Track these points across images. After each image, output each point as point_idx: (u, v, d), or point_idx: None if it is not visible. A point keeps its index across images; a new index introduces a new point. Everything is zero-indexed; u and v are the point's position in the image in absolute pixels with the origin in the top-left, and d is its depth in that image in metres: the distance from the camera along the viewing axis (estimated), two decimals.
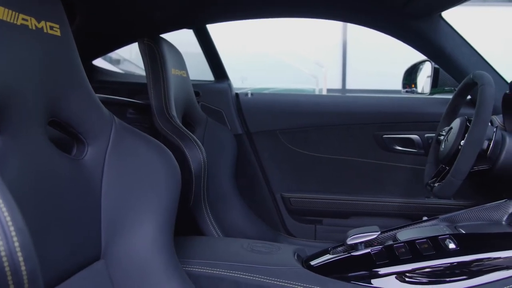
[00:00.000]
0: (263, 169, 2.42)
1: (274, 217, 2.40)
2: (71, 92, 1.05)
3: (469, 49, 2.08)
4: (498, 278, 1.20)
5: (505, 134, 1.67)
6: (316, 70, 6.76)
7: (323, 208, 2.35)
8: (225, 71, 2.49)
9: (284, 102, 2.46)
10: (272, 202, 2.41)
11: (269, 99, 2.51)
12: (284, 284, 1.27)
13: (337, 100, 2.51)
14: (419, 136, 2.29)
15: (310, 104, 2.43)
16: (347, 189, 2.37)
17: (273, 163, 2.42)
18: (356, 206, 2.32)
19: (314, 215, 2.38)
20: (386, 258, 1.29)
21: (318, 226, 2.38)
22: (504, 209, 1.57)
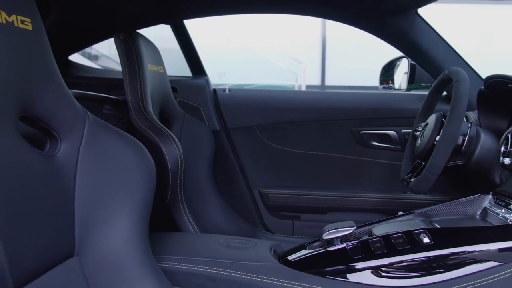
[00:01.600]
0: (241, 165, 2.41)
1: (252, 213, 2.40)
2: (43, 87, 1.03)
3: (445, 46, 2.09)
4: (472, 272, 1.21)
5: (479, 130, 1.69)
6: (295, 67, 6.77)
7: (301, 203, 2.36)
8: (203, 67, 2.48)
9: (262, 98, 2.45)
10: (250, 198, 2.41)
11: (247, 95, 2.51)
12: (260, 279, 1.27)
13: (315, 96, 2.52)
14: (396, 132, 2.31)
15: (288, 100, 2.43)
16: (325, 185, 2.38)
17: (251, 159, 2.42)
18: (334, 201, 2.33)
19: (292, 210, 2.39)
20: (362, 253, 1.29)
21: (296, 222, 2.38)
22: (478, 204, 1.59)
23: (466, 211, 1.60)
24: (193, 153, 2.09)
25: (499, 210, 1.48)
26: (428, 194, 2.25)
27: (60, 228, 1.05)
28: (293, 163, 2.40)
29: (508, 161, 1.49)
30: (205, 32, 5.46)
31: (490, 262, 1.21)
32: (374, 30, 2.15)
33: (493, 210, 1.52)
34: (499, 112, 1.80)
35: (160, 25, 2.20)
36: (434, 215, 1.61)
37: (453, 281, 1.21)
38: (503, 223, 1.40)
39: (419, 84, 2.25)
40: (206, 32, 5.57)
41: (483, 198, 1.61)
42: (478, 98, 1.86)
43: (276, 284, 1.26)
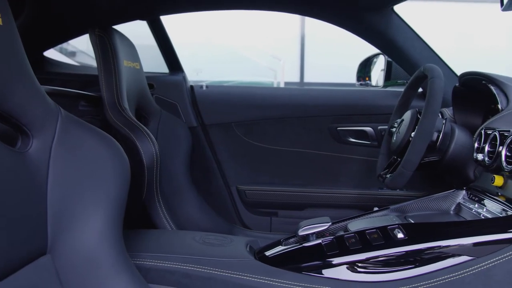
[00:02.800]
0: (218, 161, 2.41)
1: (229, 209, 2.40)
2: (13, 83, 1.02)
3: (421, 43, 2.11)
4: (445, 266, 1.22)
5: (454, 126, 1.71)
6: (274, 63, 6.77)
7: (278, 200, 2.36)
8: (180, 63, 2.47)
9: (239, 95, 2.45)
10: (227, 194, 2.41)
11: (224, 92, 2.50)
12: (236, 275, 1.27)
13: (292, 93, 2.52)
14: (373, 128, 2.32)
15: (265, 97, 2.43)
16: (302, 181, 2.39)
17: (228, 155, 2.42)
18: (311, 198, 2.34)
19: (270, 207, 2.39)
20: (337, 249, 1.30)
21: (274, 218, 2.39)
22: (452, 199, 1.61)
23: (441, 206, 1.62)
24: (169, 149, 2.08)
25: (472, 205, 1.50)
26: (404, 190, 2.27)
27: (32, 226, 1.03)
28: (271, 159, 2.40)
29: (481, 157, 1.51)
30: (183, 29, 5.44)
31: (463, 257, 1.22)
32: (351, 27, 2.16)
33: (466, 205, 1.54)
34: (473, 109, 1.82)
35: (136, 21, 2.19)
36: (409, 211, 1.62)
37: (427, 275, 1.22)
38: (476, 218, 1.42)
39: (396, 81, 2.27)
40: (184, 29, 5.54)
41: (457, 194, 1.63)
42: (453, 95, 1.88)
43: (252, 280, 1.26)
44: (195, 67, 5.48)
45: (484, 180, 1.55)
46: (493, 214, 1.38)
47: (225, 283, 1.26)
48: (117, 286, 1.11)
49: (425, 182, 2.20)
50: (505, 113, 1.56)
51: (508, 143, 1.37)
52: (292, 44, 7.09)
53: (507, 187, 1.41)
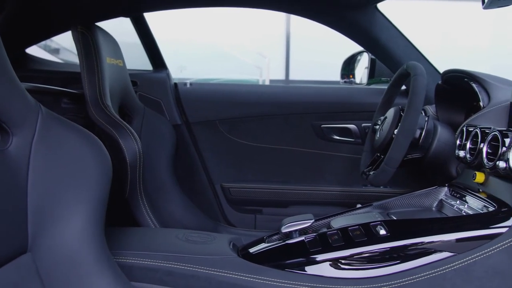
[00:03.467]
0: (202, 159, 2.40)
1: (214, 207, 2.40)
2: None
3: (404, 41, 2.12)
4: (427, 262, 1.23)
5: (437, 123, 1.72)
6: (260, 61, 6.78)
7: (262, 197, 2.36)
8: (164, 61, 2.46)
9: (224, 92, 2.45)
10: (211, 192, 2.40)
11: (208, 89, 2.49)
12: (219, 273, 1.27)
13: (276, 90, 2.52)
14: (356, 126, 2.33)
15: (250, 94, 2.43)
16: (287, 179, 2.39)
17: (212, 153, 2.41)
18: (296, 195, 2.34)
19: (254, 204, 2.39)
20: (320, 246, 1.30)
21: (258, 216, 2.39)
22: (434, 196, 1.62)
23: (423, 203, 1.63)
24: (153, 147, 2.07)
25: (454, 201, 1.52)
26: (388, 187, 2.28)
27: (12, 224, 1.02)
28: (255, 157, 2.40)
29: (463, 154, 1.52)
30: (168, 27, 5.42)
31: (445, 253, 1.23)
32: (335, 24, 2.16)
33: (448, 202, 1.55)
34: (456, 106, 1.83)
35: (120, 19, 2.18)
36: (391, 207, 1.63)
37: (408, 271, 1.23)
38: (458, 215, 1.43)
39: (379, 79, 2.28)
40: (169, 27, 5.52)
41: (439, 190, 1.64)
42: (436, 92, 1.89)
43: (235, 277, 1.26)
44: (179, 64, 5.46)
45: (466, 176, 1.56)
46: (474, 211, 1.39)
47: (208, 280, 1.26)
48: (98, 284, 1.10)
49: (409, 179, 2.21)
50: (486, 110, 1.58)
51: (489, 140, 1.39)
52: (278, 42, 7.10)
53: (488, 183, 1.42)
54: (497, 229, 1.22)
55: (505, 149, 1.30)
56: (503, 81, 1.67)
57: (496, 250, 1.19)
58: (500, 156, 1.31)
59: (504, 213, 1.25)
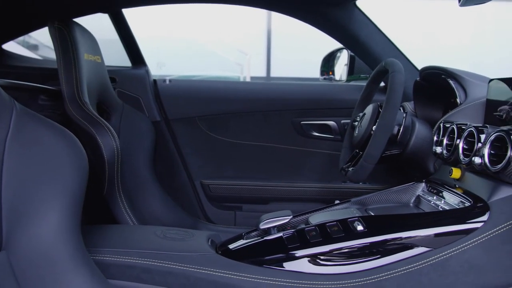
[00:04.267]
0: (182, 156, 2.39)
1: (193, 204, 2.39)
2: None
3: (382, 38, 2.13)
4: (404, 258, 1.24)
5: (415, 120, 1.73)
6: (241, 58, 6.77)
7: (242, 194, 2.36)
8: (142, 57, 2.44)
9: (203, 89, 2.44)
10: (191, 189, 2.39)
11: (188, 86, 2.49)
12: (196, 270, 1.26)
13: (256, 87, 2.52)
14: (336, 122, 2.34)
15: (229, 91, 2.42)
16: (266, 175, 2.39)
17: (192, 150, 2.40)
18: (275, 191, 2.35)
19: (234, 201, 2.39)
20: (298, 242, 1.30)
21: (238, 212, 2.39)
22: (412, 192, 1.64)
23: (401, 199, 1.64)
24: (132, 144, 2.06)
25: (431, 197, 1.53)
26: (367, 183, 2.29)
27: None
28: (235, 153, 2.40)
29: (440, 150, 1.53)
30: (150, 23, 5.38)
31: (421, 248, 1.24)
32: (314, 21, 2.16)
33: (425, 197, 1.56)
34: (434, 103, 1.85)
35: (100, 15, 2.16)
36: (369, 203, 1.64)
37: (385, 267, 1.23)
38: (434, 210, 1.45)
39: (359, 75, 2.28)
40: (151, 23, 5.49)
41: (416, 186, 1.65)
42: (414, 89, 1.91)
43: (212, 274, 1.26)
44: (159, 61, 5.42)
45: (443, 172, 1.58)
46: (451, 206, 1.40)
47: (185, 277, 1.26)
48: (74, 281, 1.09)
49: (387, 175, 2.23)
50: (463, 107, 1.59)
51: (465, 136, 1.40)
52: (259, 39, 7.09)
53: (464, 179, 1.43)
54: (472, 224, 1.23)
55: (480, 145, 1.32)
56: (479, 78, 1.69)
57: (472, 245, 1.20)
58: (475, 152, 1.33)
59: (479, 209, 1.26)
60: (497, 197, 1.25)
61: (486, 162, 1.28)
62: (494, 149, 1.28)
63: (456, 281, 1.20)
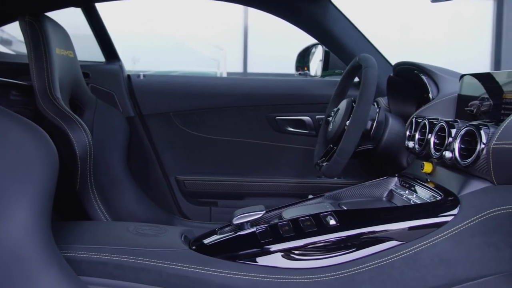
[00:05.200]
0: (156, 152, 2.38)
1: (168, 200, 2.38)
2: None
3: (357, 33, 2.15)
4: (376, 251, 1.25)
5: (388, 115, 1.75)
6: (218, 54, 6.75)
7: (218, 190, 2.36)
8: (116, 52, 2.42)
9: (178, 84, 2.43)
10: (166, 185, 2.38)
11: (162, 81, 2.47)
12: (169, 265, 1.26)
13: (231, 82, 2.52)
14: (311, 118, 2.35)
15: (204, 86, 2.41)
16: (242, 171, 2.39)
17: (167, 145, 2.39)
18: (251, 187, 2.34)
19: (209, 197, 2.38)
20: (271, 236, 1.30)
21: (213, 208, 2.38)
22: (385, 186, 1.65)
23: (374, 193, 1.65)
24: (106, 140, 2.04)
25: (403, 191, 1.54)
26: (342, 178, 2.30)
27: None
28: (210, 149, 2.39)
29: (412, 144, 1.55)
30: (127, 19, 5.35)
31: (393, 242, 1.25)
32: (289, 16, 2.17)
33: (398, 191, 1.58)
34: (407, 98, 1.86)
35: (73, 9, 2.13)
36: (343, 198, 1.65)
37: (358, 261, 1.24)
38: (406, 204, 1.46)
39: (333, 71, 2.29)
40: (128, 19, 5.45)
41: (389, 181, 1.66)
42: (388, 84, 1.92)
43: (185, 269, 1.25)
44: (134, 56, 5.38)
45: (415, 167, 1.59)
46: (422, 200, 1.41)
47: (158, 273, 1.25)
48: (44, 279, 1.08)
49: (362, 170, 2.24)
50: (435, 102, 1.61)
51: (437, 131, 1.41)
52: (236, 35, 7.09)
53: (436, 173, 1.45)
54: (443, 217, 1.24)
55: (451, 140, 1.33)
56: (451, 73, 1.71)
57: (442, 238, 1.22)
58: (446, 146, 1.34)
59: (450, 202, 1.28)
60: (467, 191, 1.27)
61: (456, 156, 1.29)
62: (465, 143, 1.30)
63: (427, 274, 1.21)
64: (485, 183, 1.25)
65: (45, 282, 1.08)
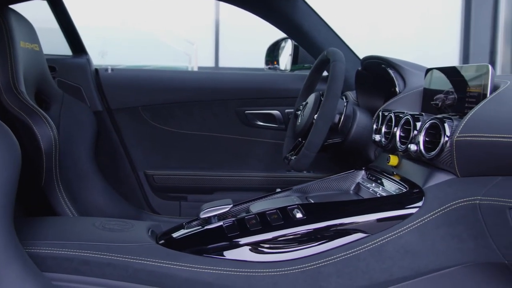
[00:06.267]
0: (125, 146, 2.36)
1: (137, 195, 2.36)
2: None
3: (325, 27, 2.15)
4: (342, 244, 1.25)
5: (356, 109, 1.76)
6: (189, 48, 6.71)
7: (187, 184, 2.35)
8: (83, 46, 2.38)
9: (147, 78, 2.41)
10: (135, 179, 2.36)
11: (131, 75, 2.45)
12: (135, 260, 1.25)
13: (200, 76, 2.51)
14: (280, 112, 2.35)
15: (173, 80, 2.40)
16: (211, 165, 2.38)
17: (135, 140, 2.37)
18: (221, 181, 2.34)
19: (179, 191, 2.37)
20: (238, 230, 1.30)
21: (183, 203, 2.37)
22: (352, 179, 1.66)
23: (341, 186, 1.66)
24: (73, 135, 2.01)
25: (370, 184, 1.55)
26: (311, 172, 2.31)
27: None
28: (179, 143, 2.38)
29: (379, 137, 1.56)
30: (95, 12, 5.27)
31: (359, 234, 1.26)
32: (259, 11, 2.16)
33: (365, 184, 1.59)
34: (375, 92, 1.88)
35: None
36: (310, 191, 1.65)
37: (324, 253, 1.25)
38: (373, 196, 1.47)
39: (303, 65, 2.30)
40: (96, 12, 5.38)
41: (356, 174, 1.68)
42: (356, 78, 1.93)
43: (152, 264, 1.24)
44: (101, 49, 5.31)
45: (382, 160, 1.61)
46: (388, 193, 1.43)
47: (124, 268, 1.24)
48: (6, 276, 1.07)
49: (331, 164, 2.25)
50: (401, 95, 1.62)
51: (402, 124, 1.43)
52: (208, 29, 7.05)
53: (402, 166, 1.46)
54: (408, 209, 1.26)
55: (416, 133, 1.35)
56: (418, 67, 1.73)
57: (407, 230, 1.23)
58: (411, 139, 1.36)
59: (415, 194, 1.29)
60: (432, 183, 1.28)
61: (421, 149, 1.31)
62: (429, 136, 1.31)
63: (393, 265, 1.22)
64: (449, 175, 1.26)
65: (7, 279, 1.06)
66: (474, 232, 1.17)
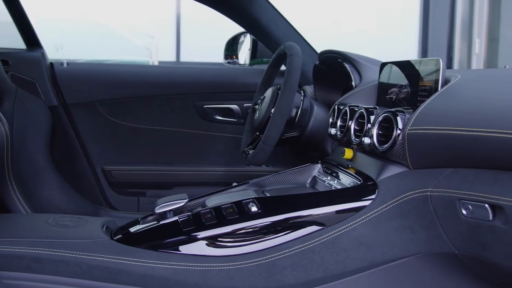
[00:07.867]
0: (82, 141, 2.32)
1: (95, 191, 2.33)
2: None
3: (284, 22, 2.16)
4: (297, 237, 1.26)
5: (313, 103, 1.77)
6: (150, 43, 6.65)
7: (146, 179, 2.33)
8: (38, 39, 2.33)
9: (103, 72, 2.38)
10: (92, 175, 2.33)
11: (87, 69, 2.41)
12: (89, 257, 1.23)
13: (158, 71, 2.49)
14: (239, 106, 2.35)
15: (130, 75, 2.37)
16: (170, 160, 2.37)
17: (92, 135, 2.34)
18: (179, 176, 2.33)
19: (137, 187, 2.35)
20: (193, 225, 1.30)
21: (142, 198, 2.35)
22: (308, 173, 1.67)
23: (297, 180, 1.67)
24: (27, 130, 1.97)
25: (326, 177, 1.57)
26: (270, 166, 2.32)
27: None
28: (137, 138, 2.36)
29: (334, 131, 1.57)
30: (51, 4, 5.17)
31: (314, 227, 1.26)
32: (217, 5, 2.16)
33: (321, 178, 1.60)
34: (332, 86, 1.89)
35: None
36: (267, 185, 1.66)
37: (279, 246, 1.25)
38: (328, 189, 1.48)
39: (261, 59, 2.30)
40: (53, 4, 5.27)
41: (313, 167, 1.69)
42: (314, 72, 1.94)
43: (106, 260, 1.23)
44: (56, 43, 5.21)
45: (337, 153, 1.62)
46: (343, 186, 1.44)
47: (77, 265, 1.22)
48: None
49: (289, 157, 2.26)
50: (357, 90, 1.64)
51: (357, 118, 1.44)
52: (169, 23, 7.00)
53: (356, 159, 1.48)
54: (362, 202, 1.27)
55: (370, 126, 1.36)
56: (373, 61, 1.75)
57: (361, 222, 1.24)
58: (365, 132, 1.37)
59: (369, 187, 1.30)
60: (385, 176, 1.30)
61: (374, 142, 1.32)
62: (383, 129, 1.33)
63: (347, 257, 1.23)
64: (402, 167, 1.28)
65: None
66: (425, 223, 1.19)
